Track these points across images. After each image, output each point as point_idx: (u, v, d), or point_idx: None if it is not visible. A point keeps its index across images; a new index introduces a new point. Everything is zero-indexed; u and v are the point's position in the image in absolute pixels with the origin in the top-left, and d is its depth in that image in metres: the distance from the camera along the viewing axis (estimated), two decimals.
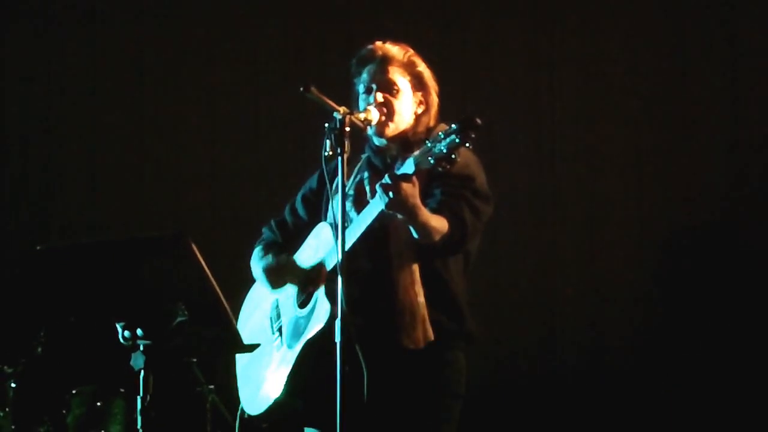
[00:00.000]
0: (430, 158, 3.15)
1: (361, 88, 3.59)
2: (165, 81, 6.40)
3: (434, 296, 3.46)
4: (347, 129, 3.27)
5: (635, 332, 6.02)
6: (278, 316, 3.68)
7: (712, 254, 5.99)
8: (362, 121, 3.42)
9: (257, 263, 3.74)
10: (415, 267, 3.43)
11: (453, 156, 3.12)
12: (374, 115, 3.47)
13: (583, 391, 5.97)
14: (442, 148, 3.11)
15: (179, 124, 6.38)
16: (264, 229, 3.87)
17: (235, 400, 3.81)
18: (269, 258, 3.71)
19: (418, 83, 3.58)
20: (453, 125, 3.11)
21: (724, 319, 5.90)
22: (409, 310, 3.41)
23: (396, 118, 3.54)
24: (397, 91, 3.55)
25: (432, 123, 3.57)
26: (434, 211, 3.36)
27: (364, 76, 3.58)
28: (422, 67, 3.60)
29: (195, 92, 6.39)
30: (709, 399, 5.83)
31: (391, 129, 3.54)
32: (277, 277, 3.66)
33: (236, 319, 3.79)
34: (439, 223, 3.35)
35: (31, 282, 5.69)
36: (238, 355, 3.79)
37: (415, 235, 3.35)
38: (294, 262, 3.65)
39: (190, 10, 6.42)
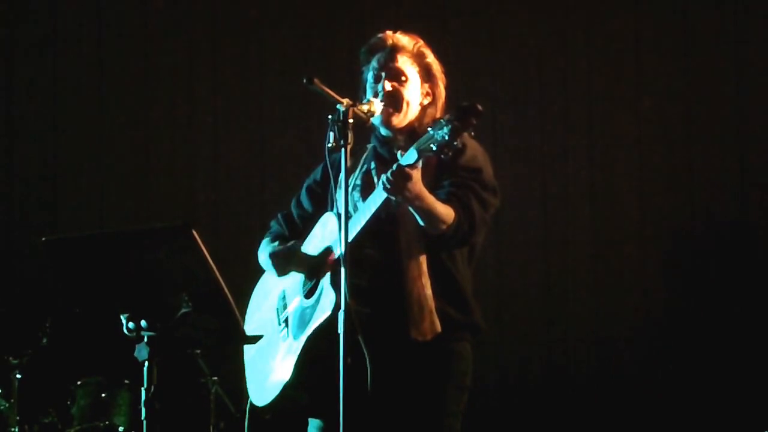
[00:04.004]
0: (432, 145, 3.14)
1: (369, 76, 3.58)
2: (171, 75, 6.41)
3: (441, 288, 3.46)
4: (350, 121, 3.27)
5: (642, 327, 6.02)
6: (284, 307, 3.68)
7: (719, 250, 5.98)
8: (365, 113, 3.41)
9: (264, 250, 3.74)
10: (423, 258, 3.43)
11: (455, 143, 3.12)
12: (377, 107, 3.47)
13: (588, 385, 5.97)
14: (444, 134, 3.11)
15: (185, 117, 6.39)
16: (272, 223, 3.88)
17: (239, 391, 3.81)
18: (276, 245, 3.71)
19: (427, 74, 3.58)
20: (454, 112, 3.11)
21: (732, 316, 5.90)
22: (417, 302, 3.41)
23: (404, 107, 3.53)
24: (406, 80, 3.54)
25: (438, 115, 3.54)
26: (442, 201, 3.37)
27: (374, 64, 3.57)
28: (431, 58, 3.60)
29: (200, 85, 6.40)
30: (714, 393, 5.83)
31: (399, 118, 3.54)
32: (283, 262, 3.65)
33: (244, 311, 3.80)
34: (445, 212, 3.35)
35: (36, 273, 5.70)
36: (245, 347, 3.79)
37: (421, 223, 3.35)
38: (300, 250, 3.66)
39: (195, 5, 6.43)
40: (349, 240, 3.22)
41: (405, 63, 3.56)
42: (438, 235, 3.39)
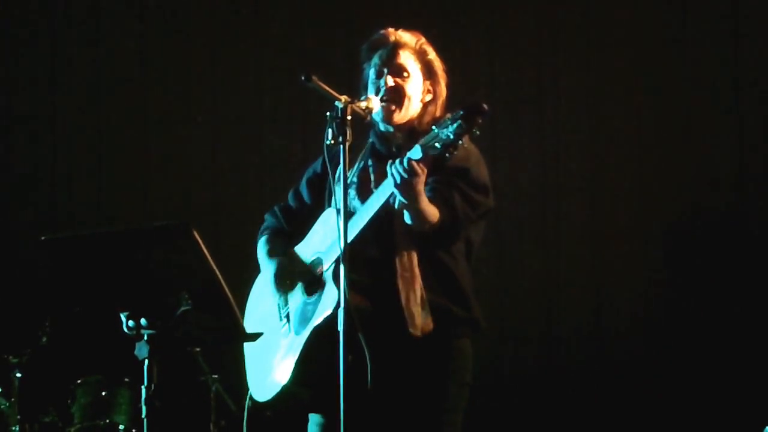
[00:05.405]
0: (437, 144, 3.13)
1: (371, 72, 3.57)
2: (169, 72, 6.41)
3: (440, 284, 3.46)
4: (349, 117, 3.26)
5: (641, 324, 6.02)
6: (286, 303, 3.67)
7: (719, 247, 5.98)
8: (363, 110, 3.40)
9: (265, 262, 3.73)
10: (415, 255, 3.42)
11: (461, 142, 3.11)
12: (375, 103, 3.46)
13: (588, 382, 5.97)
14: (449, 134, 3.10)
15: (183, 115, 6.38)
16: (267, 216, 3.85)
17: (240, 389, 3.82)
18: (276, 262, 3.67)
19: (428, 71, 3.57)
20: (460, 111, 3.09)
21: (732, 313, 5.89)
22: (412, 299, 3.40)
23: (405, 102, 3.52)
24: (408, 76, 3.53)
25: (439, 113, 3.54)
26: (428, 199, 3.35)
27: (375, 60, 3.56)
28: (433, 56, 3.59)
29: (199, 83, 6.39)
30: (714, 390, 5.83)
31: (400, 114, 3.52)
32: (282, 281, 3.65)
33: (243, 307, 3.79)
34: (432, 212, 3.33)
35: (36, 272, 5.70)
36: (246, 343, 3.79)
37: (408, 221, 3.34)
38: (298, 261, 3.65)
39: (193, 3, 6.42)
40: (352, 237, 3.22)
41: (407, 59, 3.55)
42: (422, 232, 3.37)
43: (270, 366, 3.61)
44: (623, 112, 6.11)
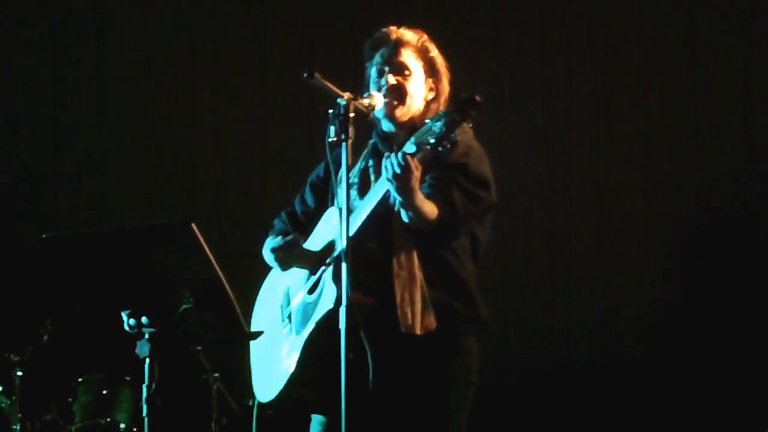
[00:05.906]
0: (430, 137, 3.12)
1: (373, 71, 3.56)
2: (171, 71, 6.41)
3: (444, 282, 3.45)
4: (351, 115, 3.25)
5: (647, 324, 6.02)
6: (288, 303, 3.67)
7: (724, 246, 5.98)
8: (366, 107, 3.39)
9: (268, 246, 3.73)
10: (415, 253, 3.40)
11: (453, 135, 3.10)
12: (378, 100, 3.46)
13: (592, 380, 5.97)
14: (442, 126, 3.09)
15: (185, 116, 6.39)
16: (275, 221, 3.87)
17: (241, 387, 3.81)
18: (279, 239, 3.68)
19: (431, 69, 3.56)
20: (453, 104, 3.09)
21: (736, 313, 5.89)
22: (410, 296, 3.39)
23: (407, 100, 3.51)
24: (409, 74, 3.52)
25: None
26: (426, 196, 3.33)
27: (377, 59, 3.56)
28: (435, 53, 3.58)
29: (202, 82, 6.39)
30: (719, 390, 5.83)
31: (402, 111, 3.51)
32: (284, 256, 3.62)
33: (249, 308, 3.80)
34: (429, 209, 3.32)
35: (37, 270, 5.70)
36: (251, 344, 3.79)
37: (405, 219, 3.33)
38: (300, 242, 3.63)
39: (195, 3, 6.42)
40: (351, 234, 3.21)
41: (409, 57, 3.54)
42: (420, 230, 3.36)
43: (274, 364, 3.61)
44: (632, 110, 6.11)
